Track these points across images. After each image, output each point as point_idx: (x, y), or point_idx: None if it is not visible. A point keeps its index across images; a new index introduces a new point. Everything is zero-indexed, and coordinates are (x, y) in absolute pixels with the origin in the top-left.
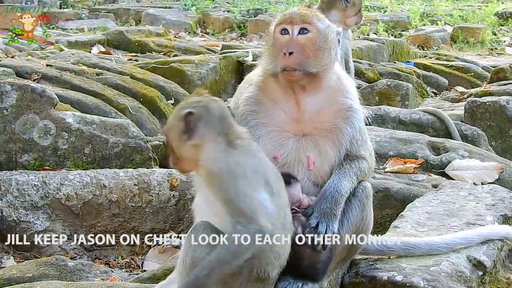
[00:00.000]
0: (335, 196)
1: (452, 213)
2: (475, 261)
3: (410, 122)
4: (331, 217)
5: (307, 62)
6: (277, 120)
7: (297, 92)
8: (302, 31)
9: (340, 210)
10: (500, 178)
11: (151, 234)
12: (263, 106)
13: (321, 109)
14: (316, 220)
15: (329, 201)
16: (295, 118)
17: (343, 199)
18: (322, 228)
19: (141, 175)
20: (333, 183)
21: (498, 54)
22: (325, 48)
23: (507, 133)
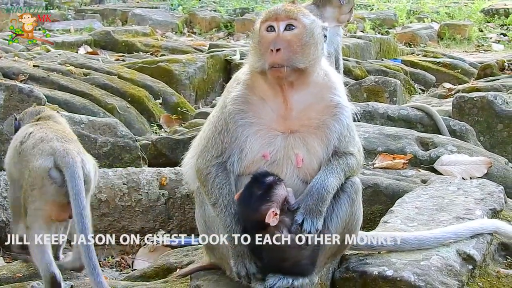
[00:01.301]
0: (321, 192)
1: (442, 208)
2: (465, 255)
3: (399, 118)
4: (316, 213)
5: (295, 58)
6: (265, 118)
7: (285, 89)
8: (288, 27)
9: (325, 207)
10: (489, 173)
11: (141, 233)
12: (251, 105)
13: (308, 106)
14: (301, 216)
15: (315, 197)
16: (283, 116)
17: (329, 196)
18: (307, 225)
19: (130, 174)
20: (320, 179)
21: (485, 50)
22: (311, 43)
23: (495, 128)
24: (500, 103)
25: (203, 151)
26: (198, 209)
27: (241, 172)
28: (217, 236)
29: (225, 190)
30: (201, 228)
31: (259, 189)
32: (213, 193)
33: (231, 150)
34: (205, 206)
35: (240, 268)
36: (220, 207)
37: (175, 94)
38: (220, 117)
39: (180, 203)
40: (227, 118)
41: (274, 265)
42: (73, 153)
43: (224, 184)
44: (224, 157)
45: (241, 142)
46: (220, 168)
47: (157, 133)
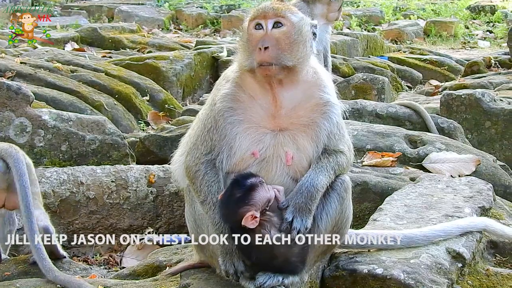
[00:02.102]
0: (311, 190)
1: (431, 206)
2: (454, 253)
3: (387, 115)
4: (305, 212)
5: (283, 56)
6: (255, 116)
7: (274, 87)
8: (276, 24)
9: (315, 205)
10: (477, 171)
11: (129, 230)
12: (240, 103)
13: (298, 103)
14: (291, 214)
15: (304, 195)
16: (272, 113)
17: (319, 194)
18: (297, 223)
19: (118, 171)
20: (310, 177)
21: (471, 47)
22: (300, 41)
23: (482, 126)
24: (488, 100)
25: (192, 148)
26: (188, 208)
27: (230, 170)
28: (206, 236)
29: (214, 188)
30: (190, 226)
31: (238, 192)
32: (202, 191)
33: (220, 148)
34: (195, 205)
35: (228, 266)
36: (208, 205)
37: (162, 91)
38: (210, 115)
39: (168, 201)
40: (216, 116)
41: (264, 263)
42: (16, 147)
43: (213, 182)
44: (213, 154)
45: (230, 140)
46: (209, 166)
47: (144, 130)
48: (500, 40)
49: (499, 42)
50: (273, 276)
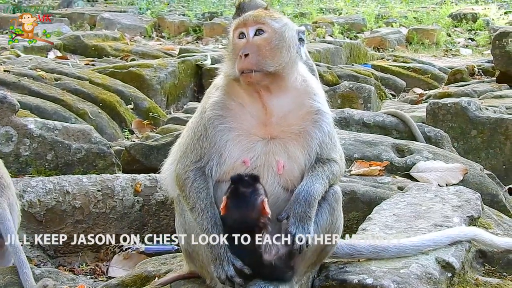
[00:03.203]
0: (309, 199)
1: (420, 215)
2: (443, 263)
3: (374, 124)
4: (306, 220)
5: (264, 62)
6: (245, 123)
7: (262, 94)
8: (257, 32)
9: (314, 212)
10: (464, 179)
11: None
12: (230, 110)
13: (288, 111)
14: (294, 227)
15: (302, 204)
16: (263, 121)
17: (316, 202)
18: (300, 232)
19: (104, 180)
20: (306, 186)
21: (453, 55)
22: (282, 47)
23: (468, 134)
24: (474, 109)
25: (182, 156)
26: (178, 218)
27: (220, 178)
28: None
29: (203, 194)
30: (181, 236)
31: (248, 187)
32: (191, 198)
33: (210, 155)
34: (185, 214)
35: (220, 272)
36: (197, 211)
37: (146, 99)
38: (199, 123)
39: (154, 210)
40: (206, 124)
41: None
42: None
43: (202, 189)
44: (202, 162)
45: (220, 148)
46: (199, 173)
47: (128, 139)
48: (482, 47)
49: (481, 49)
50: (263, 284)
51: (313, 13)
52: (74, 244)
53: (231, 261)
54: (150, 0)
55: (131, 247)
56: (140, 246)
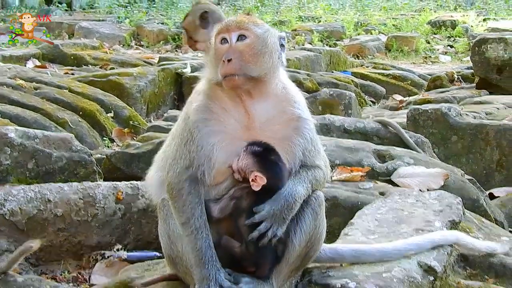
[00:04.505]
0: (289, 200)
1: (401, 220)
2: (426, 267)
3: (355, 130)
4: (279, 221)
5: (247, 67)
6: (229, 127)
7: (243, 99)
8: (240, 37)
9: (290, 216)
10: (446, 185)
11: (97, 248)
12: (214, 114)
13: (271, 117)
14: (265, 224)
15: (281, 204)
16: (246, 125)
17: (297, 205)
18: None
19: (86, 188)
20: (288, 187)
21: (432, 62)
22: (265, 52)
23: (449, 140)
24: (454, 115)
25: (172, 164)
26: (162, 224)
27: (211, 183)
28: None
29: (198, 211)
30: (164, 242)
31: (275, 155)
32: (184, 212)
33: (199, 159)
34: (169, 221)
35: None
36: (191, 228)
37: (126, 107)
38: (184, 128)
39: (136, 218)
40: (191, 128)
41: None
42: None
43: (196, 204)
44: (194, 167)
45: (207, 151)
46: (193, 184)
47: (109, 147)
48: (461, 54)
49: (460, 56)
50: None
51: (292, 21)
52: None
53: (219, 283)
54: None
55: (113, 254)
56: (122, 253)
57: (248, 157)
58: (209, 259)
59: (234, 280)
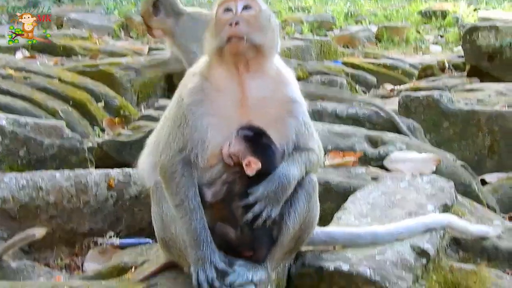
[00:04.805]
0: (283, 181)
1: (394, 204)
2: (418, 250)
3: (347, 116)
4: (274, 202)
5: (254, 33)
6: (223, 108)
7: (241, 72)
8: (245, 7)
9: (285, 197)
10: (438, 170)
11: (89, 235)
12: (208, 95)
13: (265, 97)
14: (260, 205)
15: (275, 185)
16: (240, 102)
17: (291, 186)
18: (263, 213)
19: (78, 176)
20: (282, 168)
21: (423, 52)
22: (268, 27)
23: (441, 126)
24: (446, 101)
25: (165, 147)
26: (155, 207)
27: (204, 166)
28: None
29: (191, 193)
30: (157, 226)
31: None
32: (178, 194)
33: (193, 142)
34: (163, 204)
35: (200, 273)
36: (185, 210)
37: (117, 97)
38: (178, 111)
39: (128, 205)
40: (185, 111)
41: None
42: None
43: (190, 186)
44: (187, 150)
45: (202, 133)
46: (186, 166)
47: (100, 137)
48: (451, 44)
49: (450, 46)
50: (243, 274)
51: (282, 11)
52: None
53: (214, 264)
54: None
55: (106, 241)
56: (115, 240)
57: (240, 142)
58: (204, 240)
59: (228, 262)
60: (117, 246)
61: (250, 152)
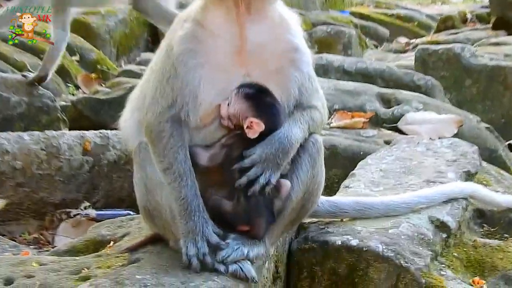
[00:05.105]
0: (284, 142)
1: (410, 171)
2: (438, 222)
3: (356, 72)
4: (273, 166)
5: None
6: (219, 57)
7: (241, 12)
8: None
9: (285, 161)
10: (459, 133)
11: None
12: (202, 43)
13: (265, 44)
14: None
15: (275, 147)
16: (238, 48)
17: (292, 149)
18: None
19: (49, 138)
20: (283, 129)
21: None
22: None
23: (463, 84)
24: (468, 55)
25: (152, 103)
26: (138, 171)
27: (197, 125)
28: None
29: (181, 155)
30: (140, 193)
31: (270, 96)
32: (166, 156)
33: (183, 97)
34: (147, 167)
35: (190, 247)
36: (174, 175)
37: (94, 50)
38: (167, 62)
39: (106, 171)
40: (175, 62)
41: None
42: None
43: (179, 147)
44: (177, 107)
45: (194, 87)
46: (175, 125)
47: (74, 95)
48: None
49: None
50: (237, 248)
51: None
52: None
53: (206, 237)
54: None
55: (80, 213)
56: (90, 212)
57: (241, 101)
58: (195, 209)
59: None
60: (93, 218)
61: (252, 112)
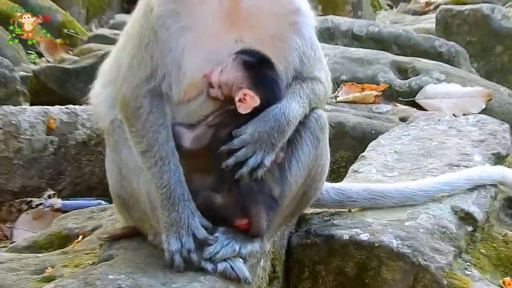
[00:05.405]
0: (280, 119)
1: (429, 153)
2: (462, 213)
3: (367, 37)
4: (266, 146)
5: None
6: (207, 18)
7: None
8: None
9: (282, 141)
10: (487, 108)
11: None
12: (187, 3)
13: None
14: (246, 150)
15: (269, 125)
16: (229, 8)
17: (290, 127)
18: (252, 160)
19: (6, 114)
20: (279, 104)
21: None
22: None
23: (492, 51)
24: (499, 18)
25: (127, 74)
26: (111, 154)
27: (180, 100)
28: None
29: (162, 135)
30: (113, 179)
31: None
32: (145, 137)
33: (164, 67)
34: (122, 149)
35: (173, 242)
36: (154, 158)
37: (59, 11)
38: (145, 26)
39: (74, 154)
40: (155, 25)
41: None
42: None
43: (160, 126)
44: (157, 79)
45: (177, 55)
46: (155, 100)
47: (36, 63)
48: None
49: None
50: (227, 244)
51: None
52: None
53: (191, 230)
54: None
55: (44, 203)
56: (55, 201)
57: (238, 69)
58: (180, 197)
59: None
60: (58, 209)
61: (249, 83)
